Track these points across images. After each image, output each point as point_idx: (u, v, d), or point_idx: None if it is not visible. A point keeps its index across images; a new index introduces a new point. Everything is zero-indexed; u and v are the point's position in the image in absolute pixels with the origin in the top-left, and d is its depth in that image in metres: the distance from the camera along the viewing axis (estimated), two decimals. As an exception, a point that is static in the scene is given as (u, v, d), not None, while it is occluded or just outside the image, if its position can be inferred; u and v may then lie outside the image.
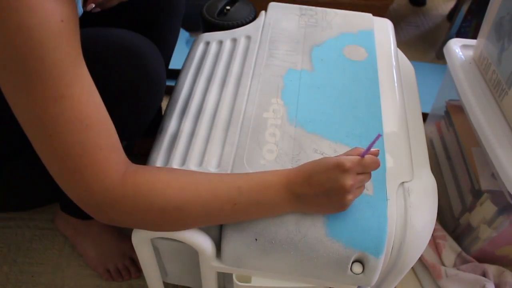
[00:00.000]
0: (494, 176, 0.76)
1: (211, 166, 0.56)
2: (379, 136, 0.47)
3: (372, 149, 0.49)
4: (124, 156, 0.47)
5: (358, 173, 0.48)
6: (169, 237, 0.53)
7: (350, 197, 0.48)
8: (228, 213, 0.49)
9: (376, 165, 0.49)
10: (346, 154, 0.51)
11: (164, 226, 0.50)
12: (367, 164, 0.48)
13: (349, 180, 0.47)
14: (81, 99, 0.42)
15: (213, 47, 0.74)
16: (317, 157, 0.57)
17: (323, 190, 0.48)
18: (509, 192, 0.64)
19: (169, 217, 0.48)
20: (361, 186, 0.50)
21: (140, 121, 0.63)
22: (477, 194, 0.80)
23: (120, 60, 0.56)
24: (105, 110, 0.45)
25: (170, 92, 0.69)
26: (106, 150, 0.44)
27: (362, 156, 0.48)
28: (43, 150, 0.43)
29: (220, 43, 0.75)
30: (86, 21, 0.70)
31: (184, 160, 0.57)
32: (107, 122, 0.45)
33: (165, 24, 0.77)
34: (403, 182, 0.57)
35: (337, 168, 0.47)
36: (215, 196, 0.48)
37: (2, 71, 0.39)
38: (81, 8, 0.53)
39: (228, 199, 0.48)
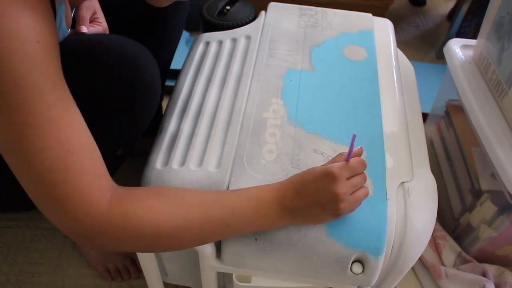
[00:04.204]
0: (494, 176, 0.76)
1: (211, 166, 0.56)
2: (355, 136, 0.47)
3: (354, 149, 0.49)
4: (110, 180, 0.45)
5: (349, 178, 0.48)
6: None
7: (343, 205, 0.47)
8: (222, 234, 0.49)
9: (362, 166, 0.49)
10: (332, 161, 0.50)
11: (156, 250, 0.49)
12: (353, 167, 0.48)
13: (339, 188, 0.46)
14: (61, 124, 0.39)
15: (213, 47, 0.74)
16: (317, 157, 0.57)
17: (315, 201, 0.47)
18: (509, 192, 0.64)
19: (161, 243, 0.47)
20: (361, 189, 0.49)
21: (136, 128, 0.62)
22: (477, 194, 0.80)
23: (113, 67, 0.54)
24: (88, 133, 0.43)
25: (170, 92, 0.69)
26: (89, 176, 0.42)
27: (347, 160, 0.48)
28: (23, 178, 0.41)
29: (220, 43, 0.75)
30: None
31: (184, 160, 0.57)
32: (91, 147, 0.43)
33: (171, 18, 0.77)
34: (403, 182, 0.57)
35: (325, 177, 0.46)
36: (207, 220, 0.47)
37: None
38: (66, 28, 0.51)
39: (221, 221, 0.47)
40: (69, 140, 0.40)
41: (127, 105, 0.56)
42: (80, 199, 0.41)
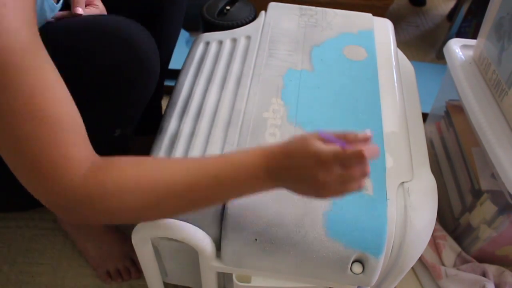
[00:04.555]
0: (494, 176, 0.76)
1: (211, 166, 0.56)
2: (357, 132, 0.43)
3: (360, 134, 0.43)
4: (89, 151, 0.44)
5: (342, 164, 0.42)
6: (169, 237, 0.53)
7: (324, 192, 0.44)
8: (206, 201, 0.47)
9: (357, 159, 0.42)
10: (336, 135, 0.44)
11: (141, 220, 0.48)
12: (346, 158, 0.42)
13: (322, 175, 0.42)
14: (34, 91, 0.38)
15: (213, 47, 0.74)
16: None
17: (299, 178, 0.44)
18: (509, 192, 0.64)
19: (144, 213, 0.46)
20: (353, 182, 0.44)
21: (133, 108, 0.61)
22: (477, 194, 0.80)
23: (109, 44, 0.54)
24: (70, 104, 0.42)
25: (170, 92, 0.69)
26: (65, 147, 0.41)
27: (343, 146, 0.42)
28: (0, 148, 0.40)
29: (220, 43, 0.75)
30: None
31: (184, 160, 0.57)
32: (70, 117, 0.42)
33: (169, 15, 0.77)
34: (403, 182, 0.57)
35: (313, 157, 0.42)
36: (191, 187, 0.45)
37: None
38: (53, 4, 0.50)
39: (205, 189, 0.45)
40: (43, 108, 0.39)
41: (122, 82, 0.55)
42: (55, 170, 0.40)
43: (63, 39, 0.42)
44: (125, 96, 0.58)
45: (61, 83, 0.41)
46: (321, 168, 0.42)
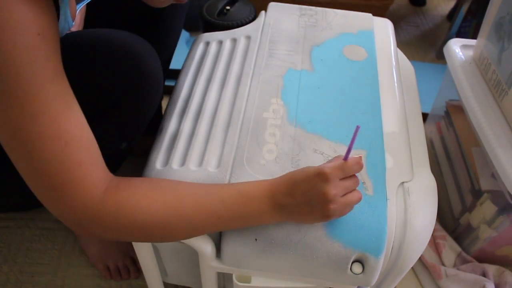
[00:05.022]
0: (494, 176, 0.76)
1: (211, 166, 0.56)
2: (358, 128, 0.45)
3: (355, 156, 0.48)
4: (106, 171, 0.46)
5: (342, 179, 0.47)
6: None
7: (332, 206, 0.46)
8: (213, 226, 0.49)
9: (358, 166, 0.48)
10: (329, 162, 0.49)
11: (149, 240, 0.50)
12: (349, 166, 0.47)
13: (330, 189, 0.45)
14: (59, 115, 0.40)
15: (213, 47, 0.74)
16: (317, 157, 0.57)
17: (305, 200, 0.47)
18: (509, 192, 0.64)
19: (154, 233, 0.47)
20: (353, 192, 0.49)
21: (139, 122, 0.63)
22: (477, 194, 0.80)
23: (116, 62, 0.55)
24: (86, 125, 0.44)
25: (170, 92, 0.69)
26: (86, 166, 0.43)
27: (345, 158, 0.47)
28: (21, 166, 0.42)
29: (220, 43, 0.75)
30: (90, 11, 0.70)
31: (184, 160, 0.57)
32: (88, 138, 0.44)
33: (170, 16, 0.77)
34: (403, 182, 0.57)
35: (317, 176, 0.46)
36: (199, 211, 0.47)
37: None
38: (71, 21, 0.52)
39: (212, 213, 0.48)
40: (67, 131, 0.41)
41: (129, 98, 0.57)
42: (76, 188, 0.42)
43: (68, 56, 0.43)
44: (131, 111, 0.59)
45: (78, 104, 0.43)
46: (326, 182, 0.46)
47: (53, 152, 0.40)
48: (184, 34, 1.28)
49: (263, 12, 0.81)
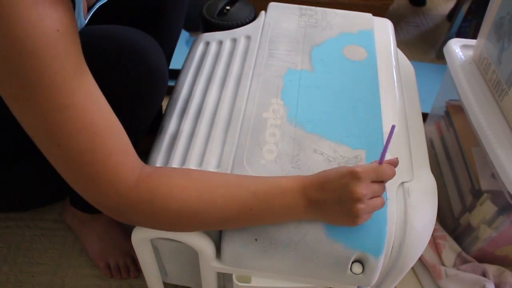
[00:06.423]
0: (494, 176, 0.76)
1: (211, 166, 0.56)
2: (394, 127, 0.46)
3: (391, 159, 0.49)
4: (137, 158, 0.47)
5: (374, 181, 0.48)
6: (169, 237, 0.53)
7: (361, 206, 0.46)
8: (244, 218, 0.49)
9: (391, 172, 0.49)
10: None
11: (181, 228, 0.50)
12: (382, 171, 0.48)
13: (360, 188, 0.46)
14: (85, 107, 0.41)
15: (213, 47, 0.74)
16: (317, 157, 0.57)
17: (336, 197, 0.47)
18: (509, 192, 0.64)
19: (186, 220, 0.48)
20: (377, 198, 0.49)
21: (145, 117, 0.64)
22: (477, 194, 0.80)
23: (122, 57, 0.56)
24: (113, 115, 0.45)
25: (170, 92, 0.69)
26: (117, 155, 0.44)
27: (380, 162, 0.48)
28: (54, 159, 0.43)
29: (220, 43, 0.75)
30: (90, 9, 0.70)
31: (184, 160, 0.57)
32: (116, 127, 0.45)
33: (170, 13, 0.77)
34: (403, 182, 0.57)
35: (349, 174, 0.47)
36: (231, 201, 0.48)
37: (2, 84, 0.39)
38: (83, 20, 0.52)
39: (244, 204, 0.48)
40: (95, 122, 0.42)
41: (135, 93, 0.58)
42: (110, 176, 0.43)
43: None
44: (137, 106, 0.60)
45: (102, 95, 0.44)
46: (358, 181, 0.46)
47: (83, 144, 0.41)
48: (184, 34, 1.28)
49: (263, 12, 0.81)
